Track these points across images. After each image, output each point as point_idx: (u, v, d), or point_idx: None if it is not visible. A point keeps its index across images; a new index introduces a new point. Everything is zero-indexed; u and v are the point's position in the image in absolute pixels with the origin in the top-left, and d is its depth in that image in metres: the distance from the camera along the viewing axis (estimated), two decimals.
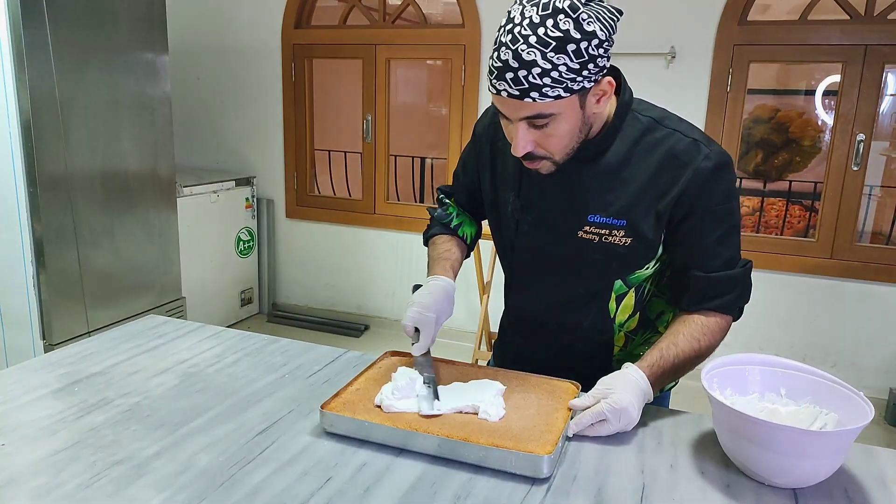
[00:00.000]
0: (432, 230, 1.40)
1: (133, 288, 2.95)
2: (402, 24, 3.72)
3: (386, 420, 1.01)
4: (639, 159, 1.11)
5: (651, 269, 1.17)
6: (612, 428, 1.02)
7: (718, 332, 1.14)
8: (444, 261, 1.29)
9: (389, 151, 3.88)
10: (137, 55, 2.85)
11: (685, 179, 1.08)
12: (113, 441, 1.00)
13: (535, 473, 0.92)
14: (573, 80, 0.97)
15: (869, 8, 2.92)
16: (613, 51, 1.08)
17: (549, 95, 0.97)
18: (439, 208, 1.42)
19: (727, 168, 1.10)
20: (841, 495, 0.91)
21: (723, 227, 1.11)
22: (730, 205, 1.11)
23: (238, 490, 0.89)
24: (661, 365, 1.09)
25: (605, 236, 1.13)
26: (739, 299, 1.15)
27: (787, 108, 4.56)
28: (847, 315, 3.15)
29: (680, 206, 1.09)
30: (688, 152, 1.08)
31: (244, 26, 3.95)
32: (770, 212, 4.52)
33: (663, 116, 1.14)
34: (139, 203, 2.94)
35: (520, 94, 0.98)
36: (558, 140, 1.05)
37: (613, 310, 1.20)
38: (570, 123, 1.03)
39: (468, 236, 1.40)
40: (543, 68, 0.95)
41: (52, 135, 2.51)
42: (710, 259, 1.12)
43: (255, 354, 1.35)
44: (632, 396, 1.02)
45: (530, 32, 0.95)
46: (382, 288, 3.97)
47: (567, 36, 0.94)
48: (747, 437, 0.91)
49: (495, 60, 0.99)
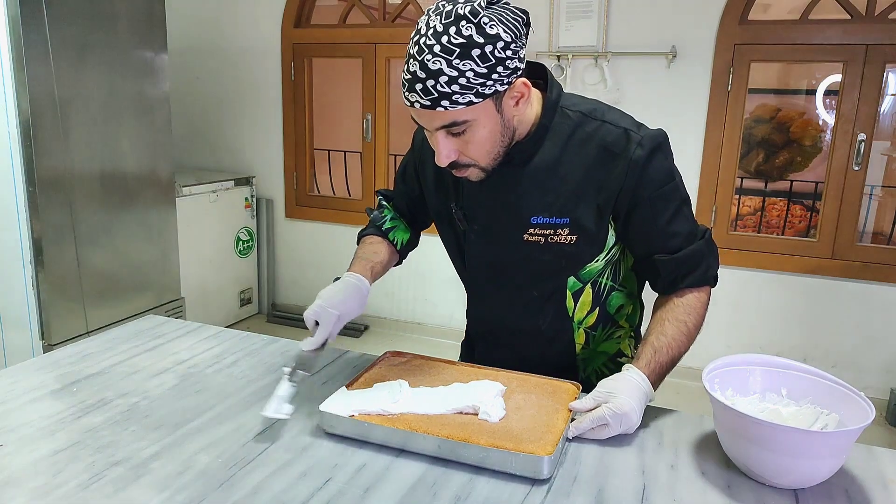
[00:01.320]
0: (366, 230, 1.40)
1: (132, 288, 2.95)
2: (401, 22, 3.72)
3: (385, 421, 1.00)
4: (573, 155, 1.11)
5: (602, 261, 1.17)
6: (612, 432, 1.02)
7: (700, 307, 1.15)
8: (364, 260, 1.29)
9: (389, 151, 3.87)
10: (137, 55, 2.85)
11: (621, 171, 1.08)
12: (112, 441, 0.99)
13: (535, 474, 0.92)
14: (482, 84, 0.97)
15: (870, 7, 2.91)
16: (615, 51, 1.08)
17: (461, 102, 0.97)
18: (376, 210, 1.41)
19: (661, 149, 1.10)
20: (842, 496, 0.91)
21: (672, 207, 1.12)
22: (673, 183, 1.12)
23: (237, 490, 0.88)
24: (657, 360, 1.09)
25: (550, 236, 1.13)
26: (710, 268, 1.16)
27: (788, 107, 4.56)
28: (848, 315, 3.15)
29: (623, 199, 1.10)
30: (618, 143, 1.09)
31: (244, 26, 3.95)
32: (771, 212, 4.52)
33: (593, 109, 1.13)
34: (138, 203, 2.94)
35: (431, 103, 0.98)
36: (479, 146, 1.04)
37: (571, 308, 1.21)
38: (489, 128, 1.03)
39: (399, 242, 1.38)
40: (450, 76, 0.95)
41: (51, 134, 2.50)
42: (668, 240, 1.13)
43: (255, 354, 1.34)
44: (633, 401, 1.02)
45: (434, 42, 0.95)
46: (382, 288, 3.97)
47: (470, 41, 0.94)
48: (748, 437, 0.91)
49: (406, 73, 0.99)
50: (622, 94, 3.22)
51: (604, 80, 3.24)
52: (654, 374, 1.08)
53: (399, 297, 3.94)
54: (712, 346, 2.85)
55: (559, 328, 1.22)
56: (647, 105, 3.16)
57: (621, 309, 1.25)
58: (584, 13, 3.22)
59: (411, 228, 1.42)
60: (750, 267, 3.24)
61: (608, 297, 1.22)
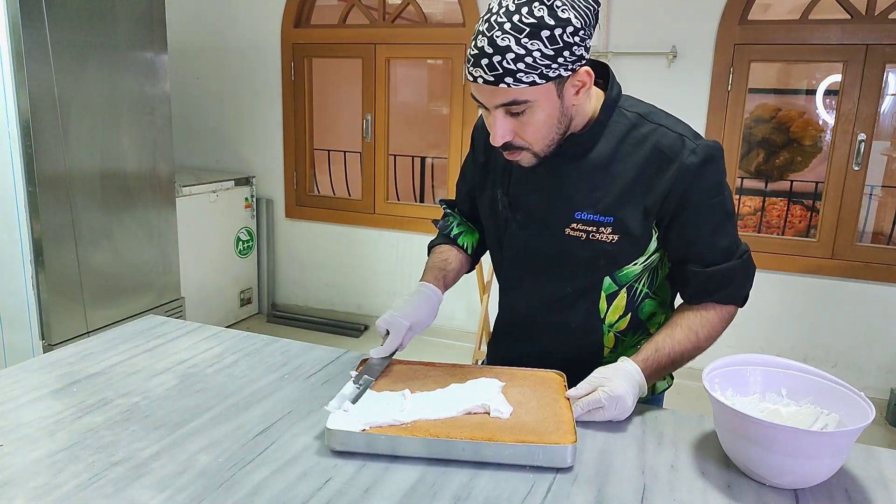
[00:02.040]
0: (435, 240, 1.42)
1: (132, 288, 2.95)
2: (402, 23, 3.72)
3: (402, 431, 0.98)
4: (625, 155, 1.11)
5: (640, 265, 1.16)
6: (606, 415, 1.04)
7: (719, 323, 1.15)
8: (435, 269, 1.31)
9: (389, 151, 3.87)
10: (137, 55, 2.85)
11: (672, 176, 1.08)
12: (112, 441, 0.99)
13: (561, 464, 0.94)
14: (548, 66, 0.97)
15: (870, 7, 2.91)
16: (615, 51, 1.09)
17: (524, 81, 0.98)
18: (441, 220, 1.42)
19: (714, 161, 1.09)
20: (842, 496, 0.91)
21: (716, 219, 1.11)
22: (721, 197, 1.11)
23: (238, 490, 0.88)
24: (656, 359, 1.10)
25: (592, 233, 1.12)
26: (741, 289, 1.15)
27: (788, 107, 4.56)
28: (848, 315, 3.15)
29: (669, 203, 1.09)
30: (673, 147, 1.08)
31: (244, 26, 3.95)
32: (771, 212, 4.52)
33: (650, 112, 1.14)
34: (138, 203, 2.94)
35: (494, 79, 0.98)
36: (535, 129, 1.04)
37: (604, 310, 1.19)
38: (547, 112, 1.03)
39: (469, 246, 1.39)
40: (517, 53, 0.96)
41: (51, 134, 2.50)
42: (706, 252, 1.12)
43: (255, 354, 1.34)
44: (627, 385, 1.05)
45: (505, 20, 0.96)
46: (382, 288, 3.97)
47: (541, 22, 0.95)
48: (748, 437, 0.91)
49: (472, 48, 1.00)
50: None
51: None
52: (650, 369, 1.09)
53: (399, 297, 3.93)
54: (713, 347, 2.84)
55: (589, 328, 1.21)
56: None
57: (653, 317, 1.24)
58: None
59: (478, 230, 1.41)
60: None
61: (641, 303, 1.21)
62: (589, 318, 1.20)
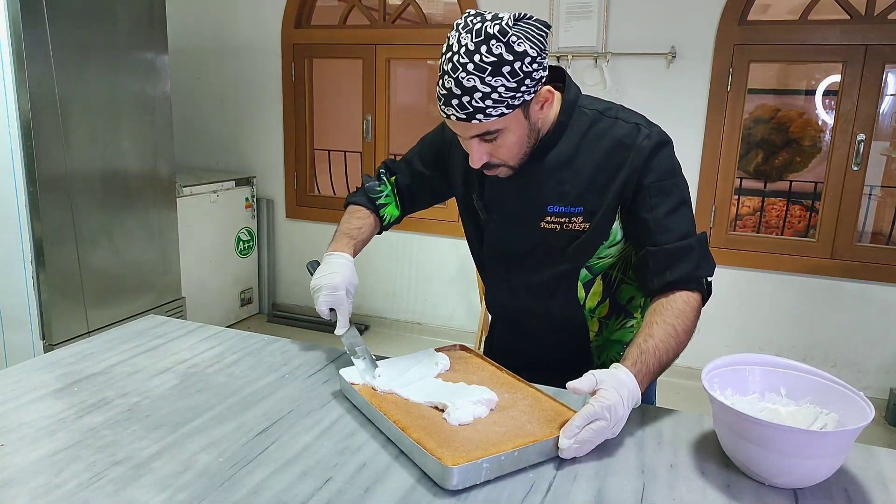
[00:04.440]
0: (356, 197, 1.46)
1: (133, 288, 2.95)
2: (402, 23, 3.72)
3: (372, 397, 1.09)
4: (588, 149, 1.19)
5: (613, 257, 1.24)
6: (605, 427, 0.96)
7: (690, 312, 1.14)
8: (348, 238, 1.39)
9: (389, 151, 3.88)
10: (137, 55, 2.85)
11: (629, 160, 1.16)
12: (113, 441, 1.00)
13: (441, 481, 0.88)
14: (513, 97, 1.05)
15: (869, 8, 2.92)
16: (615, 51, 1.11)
17: (493, 115, 1.06)
18: (374, 179, 1.46)
19: (666, 146, 1.18)
20: (841, 495, 0.91)
21: (671, 202, 1.17)
22: (675, 179, 1.18)
23: (238, 490, 0.88)
24: (643, 360, 1.07)
25: (565, 224, 1.21)
26: (698, 269, 1.16)
27: (787, 107, 4.56)
28: (847, 315, 3.15)
29: (628, 186, 1.17)
30: (629, 135, 1.17)
31: (244, 26, 3.95)
32: (770, 212, 4.52)
33: (608, 108, 1.22)
34: (139, 203, 2.94)
35: (466, 117, 1.06)
36: (509, 149, 1.13)
37: (582, 297, 1.27)
38: (518, 134, 1.12)
39: (388, 218, 1.46)
40: (484, 92, 1.03)
41: (51, 135, 2.51)
42: (662, 233, 1.16)
43: (255, 354, 1.35)
44: (618, 395, 0.98)
45: (467, 60, 1.02)
46: (382, 288, 3.97)
47: (501, 59, 1.02)
48: (747, 437, 0.91)
49: (441, 88, 1.07)
50: (622, 95, 3.22)
51: (603, 80, 3.24)
52: (641, 373, 1.05)
53: (399, 297, 3.94)
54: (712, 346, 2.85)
55: (570, 314, 1.28)
56: (647, 105, 3.12)
57: (633, 300, 1.31)
58: (584, 14, 3.22)
59: (402, 208, 1.47)
60: (749, 267, 3.24)
61: (618, 288, 1.28)
62: (570, 305, 1.27)
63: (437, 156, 1.39)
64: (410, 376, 1.17)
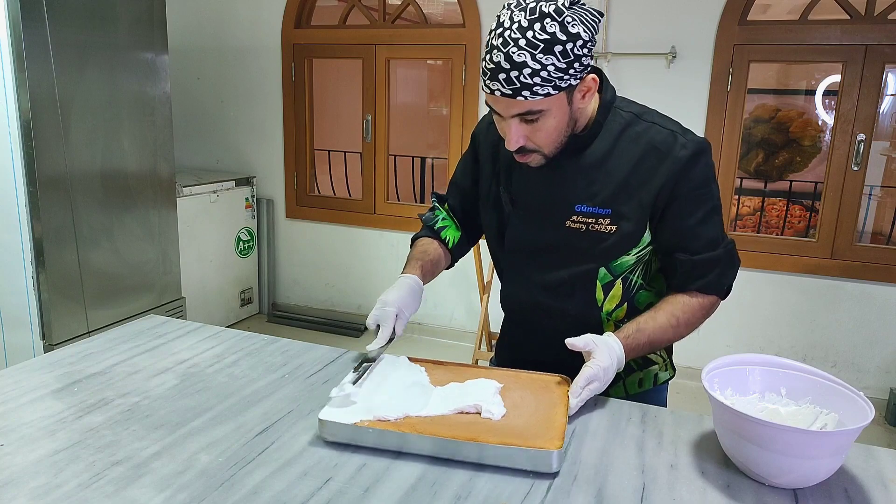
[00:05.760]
0: (419, 233, 1.48)
1: (133, 288, 2.95)
2: (402, 23, 3.72)
3: (390, 426, 0.99)
4: (621, 151, 1.18)
5: (633, 256, 1.22)
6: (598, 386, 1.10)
7: (699, 310, 1.20)
8: (415, 260, 1.38)
9: (389, 151, 3.88)
10: (137, 55, 2.85)
11: (665, 169, 1.15)
12: (113, 441, 1.00)
13: (545, 468, 0.93)
14: (560, 78, 1.05)
15: (869, 8, 2.92)
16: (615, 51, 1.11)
17: (539, 93, 1.05)
18: (428, 212, 1.49)
19: (704, 154, 1.17)
20: (841, 495, 0.91)
21: (703, 210, 1.18)
22: (708, 188, 1.18)
23: (238, 490, 0.88)
24: (636, 337, 1.16)
25: (591, 224, 1.19)
26: (722, 277, 1.20)
27: (787, 107, 4.56)
28: (847, 315, 3.15)
29: (663, 195, 1.16)
30: (665, 143, 1.16)
31: (244, 26, 3.95)
32: (770, 212, 4.52)
33: (643, 111, 1.22)
34: (139, 203, 2.94)
35: (512, 93, 1.05)
36: (547, 134, 1.12)
37: (600, 299, 1.26)
38: (559, 118, 1.11)
39: (451, 240, 1.45)
40: (533, 68, 1.03)
41: (51, 135, 2.51)
42: (692, 241, 1.18)
43: (255, 354, 1.35)
44: (610, 359, 1.11)
45: (520, 36, 1.02)
46: (382, 288, 3.91)
47: (554, 38, 1.02)
48: (747, 437, 0.91)
49: (488, 62, 1.06)
50: (622, 95, 3.21)
51: None
52: (629, 347, 1.15)
53: None
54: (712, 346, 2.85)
55: (587, 315, 1.27)
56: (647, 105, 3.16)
57: (650, 307, 1.28)
58: None
59: (463, 229, 1.46)
60: (749, 267, 3.24)
61: (637, 293, 1.27)
62: (587, 306, 1.26)
63: (475, 161, 1.38)
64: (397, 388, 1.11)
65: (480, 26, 3.46)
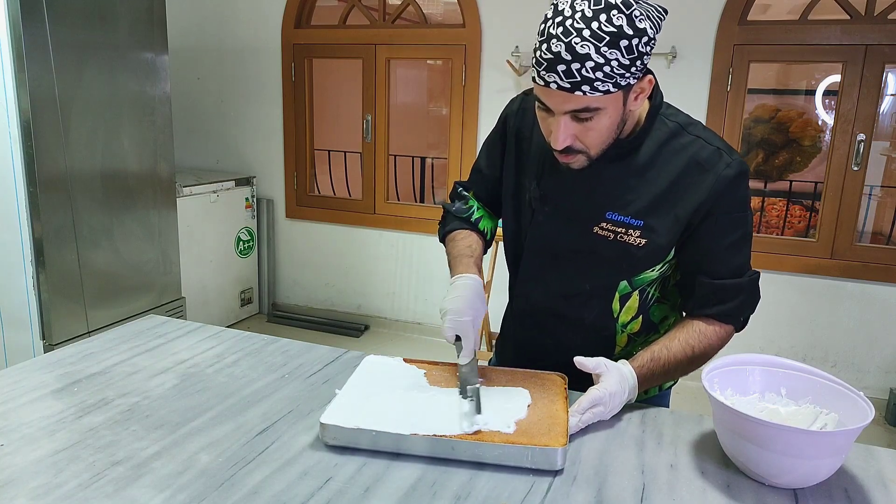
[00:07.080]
0: (450, 225, 1.36)
1: (133, 288, 2.95)
2: (402, 23, 3.72)
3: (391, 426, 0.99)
4: (663, 162, 1.12)
5: (657, 272, 1.17)
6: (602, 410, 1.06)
7: (716, 340, 1.16)
8: (466, 257, 1.26)
9: (389, 151, 3.87)
10: (137, 55, 2.85)
11: (707, 186, 1.09)
12: (113, 441, 1.00)
13: (550, 466, 0.94)
14: (622, 75, 0.98)
15: (869, 8, 2.92)
16: None
17: (600, 90, 0.98)
18: (458, 202, 1.38)
19: (745, 177, 1.11)
20: (841, 495, 0.91)
21: (736, 234, 1.13)
22: (745, 213, 1.13)
23: (238, 490, 0.88)
24: (650, 367, 1.12)
25: (620, 234, 1.13)
26: (741, 308, 1.16)
27: (787, 107, 4.56)
28: (847, 315, 3.15)
29: (700, 212, 1.10)
30: (710, 160, 1.10)
31: (244, 26, 3.95)
32: (770, 212, 4.52)
33: (689, 123, 1.15)
34: (139, 203, 2.94)
35: (571, 86, 0.98)
36: (597, 134, 1.05)
37: (617, 310, 1.21)
38: (613, 119, 1.04)
39: (488, 231, 1.37)
40: (596, 62, 0.95)
41: (51, 135, 2.51)
42: (718, 265, 1.13)
43: (255, 354, 1.34)
44: (619, 386, 1.07)
45: (584, 26, 0.95)
46: (382, 288, 3.97)
47: (620, 31, 0.95)
48: (747, 437, 0.91)
49: (545, 52, 0.98)
50: None
51: None
52: (644, 377, 1.11)
53: (399, 297, 3.94)
54: None
55: (602, 326, 1.22)
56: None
57: (665, 320, 1.27)
58: None
59: (494, 217, 1.39)
60: None
61: (652, 306, 1.23)
62: (602, 317, 1.22)
63: (503, 145, 1.30)
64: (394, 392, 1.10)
65: (480, 26, 3.46)
